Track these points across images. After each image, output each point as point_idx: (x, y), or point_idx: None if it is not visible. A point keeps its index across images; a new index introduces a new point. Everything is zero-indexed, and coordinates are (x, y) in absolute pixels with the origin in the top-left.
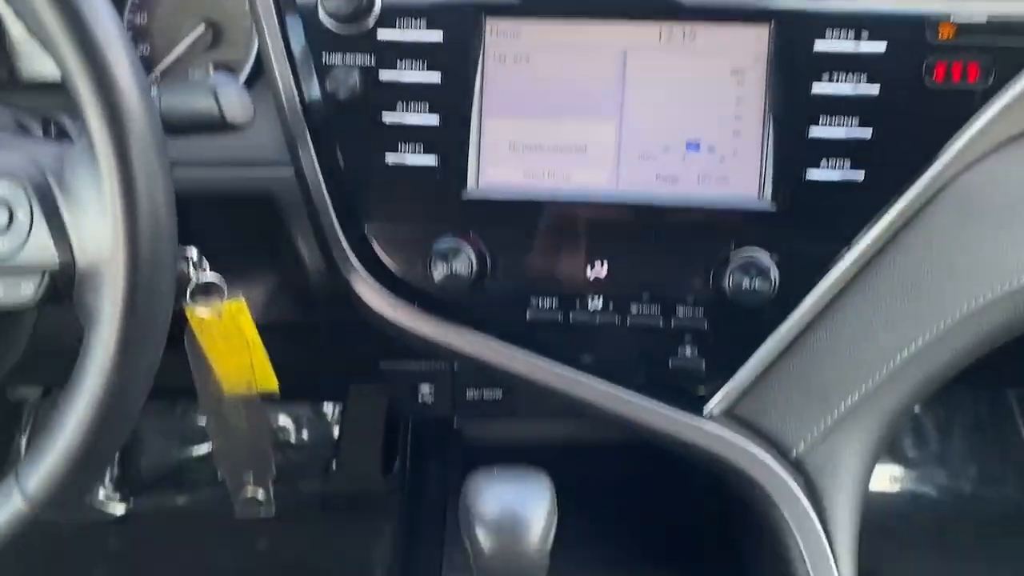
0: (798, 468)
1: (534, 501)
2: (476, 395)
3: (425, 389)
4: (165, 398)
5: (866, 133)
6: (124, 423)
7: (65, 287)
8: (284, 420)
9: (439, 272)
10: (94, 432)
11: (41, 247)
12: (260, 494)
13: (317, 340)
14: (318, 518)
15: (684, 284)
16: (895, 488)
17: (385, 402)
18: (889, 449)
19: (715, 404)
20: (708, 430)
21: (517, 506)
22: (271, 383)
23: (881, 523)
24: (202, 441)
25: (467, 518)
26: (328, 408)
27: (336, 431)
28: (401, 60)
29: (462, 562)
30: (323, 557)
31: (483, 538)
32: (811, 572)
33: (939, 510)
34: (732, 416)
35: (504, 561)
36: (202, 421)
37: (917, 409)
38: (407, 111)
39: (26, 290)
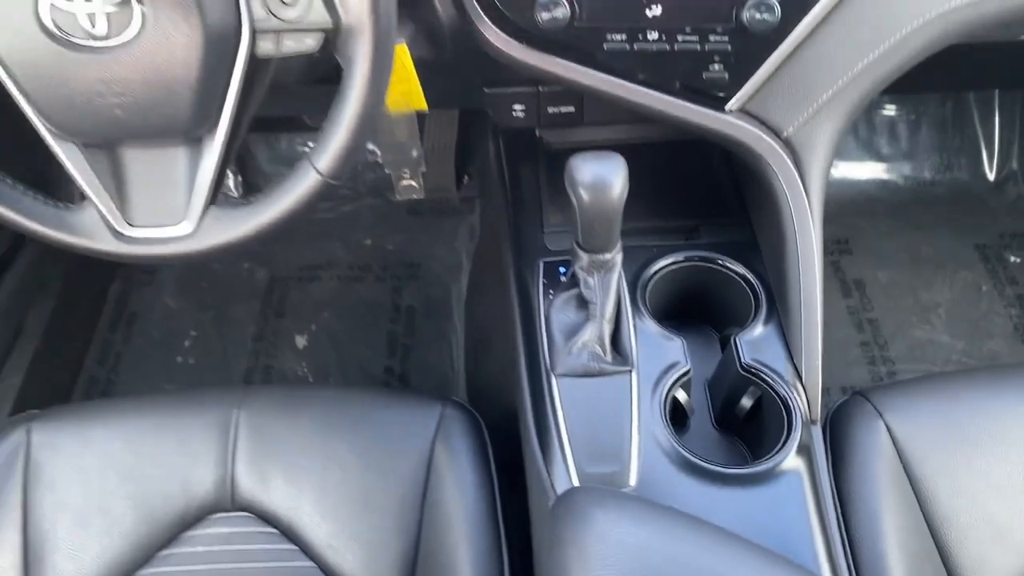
0: (787, 144)
1: (615, 169)
2: (555, 110)
3: (518, 107)
4: (274, 131)
5: None
6: (372, 120)
7: (333, 40)
8: (371, 145)
9: (543, 17)
10: (359, 123)
11: (318, 13)
12: (414, 182)
13: (444, 73)
14: (408, 222)
15: (715, 19)
16: (869, 177)
17: (456, 127)
18: (866, 147)
19: (733, 103)
20: (728, 120)
21: (605, 172)
22: (421, 103)
23: (856, 203)
24: None
25: (571, 183)
26: None
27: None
28: None
29: (559, 220)
30: (415, 251)
31: (583, 194)
32: (794, 213)
33: (903, 193)
34: (744, 111)
35: (596, 209)
36: (301, 148)
37: (893, 112)
38: None
39: (310, 42)
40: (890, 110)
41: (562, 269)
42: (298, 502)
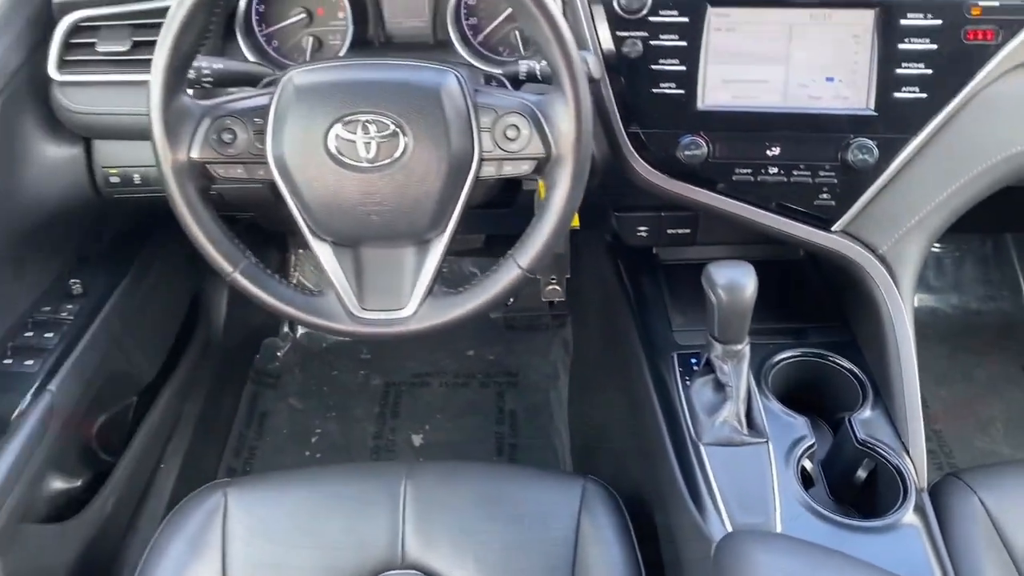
0: (883, 260)
1: (747, 274)
2: (673, 232)
3: (642, 229)
4: None
5: (928, 71)
6: (567, 228)
7: (542, 167)
8: (472, 268)
9: (683, 155)
10: (557, 230)
11: (535, 146)
12: (559, 287)
13: (587, 199)
14: (506, 335)
15: (824, 158)
16: (920, 305)
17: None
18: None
19: (838, 225)
20: (834, 238)
21: (739, 276)
22: (575, 221)
23: None
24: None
25: (710, 285)
26: None
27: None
28: (663, 33)
29: (683, 321)
30: (513, 361)
31: (721, 293)
32: (892, 316)
33: (952, 320)
34: (847, 232)
35: (731, 306)
36: None
37: (938, 249)
38: (666, 62)
39: (526, 168)
40: (936, 247)
41: (693, 360)
42: (461, 563)
